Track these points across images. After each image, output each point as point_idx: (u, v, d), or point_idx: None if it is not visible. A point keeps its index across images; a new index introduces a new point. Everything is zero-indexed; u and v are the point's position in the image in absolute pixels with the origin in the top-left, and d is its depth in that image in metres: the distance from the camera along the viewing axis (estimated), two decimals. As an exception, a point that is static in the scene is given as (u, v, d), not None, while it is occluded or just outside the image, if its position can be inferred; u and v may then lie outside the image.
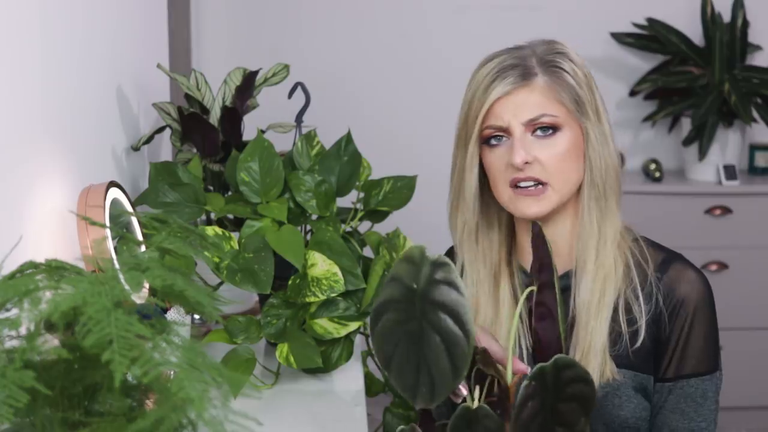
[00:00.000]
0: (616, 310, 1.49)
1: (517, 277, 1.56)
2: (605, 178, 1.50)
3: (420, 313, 1.07)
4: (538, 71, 1.47)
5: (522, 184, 1.47)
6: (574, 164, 1.48)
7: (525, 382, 1.09)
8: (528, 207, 1.48)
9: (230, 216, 1.90)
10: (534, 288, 1.23)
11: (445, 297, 1.06)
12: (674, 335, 1.49)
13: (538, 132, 1.46)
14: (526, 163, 1.45)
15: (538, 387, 1.06)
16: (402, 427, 1.18)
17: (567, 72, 1.47)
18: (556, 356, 1.08)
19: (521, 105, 1.46)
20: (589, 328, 1.47)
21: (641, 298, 1.49)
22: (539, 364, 1.09)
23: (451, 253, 1.67)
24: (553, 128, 1.46)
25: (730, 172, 3.55)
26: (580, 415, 1.07)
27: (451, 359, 1.05)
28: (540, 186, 1.47)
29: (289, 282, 1.72)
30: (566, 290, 1.51)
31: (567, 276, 1.53)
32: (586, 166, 1.50)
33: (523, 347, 1.53)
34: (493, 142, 1.49)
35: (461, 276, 1.59)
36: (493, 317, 1.54)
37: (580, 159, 1.49)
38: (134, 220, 1.61)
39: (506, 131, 1.47)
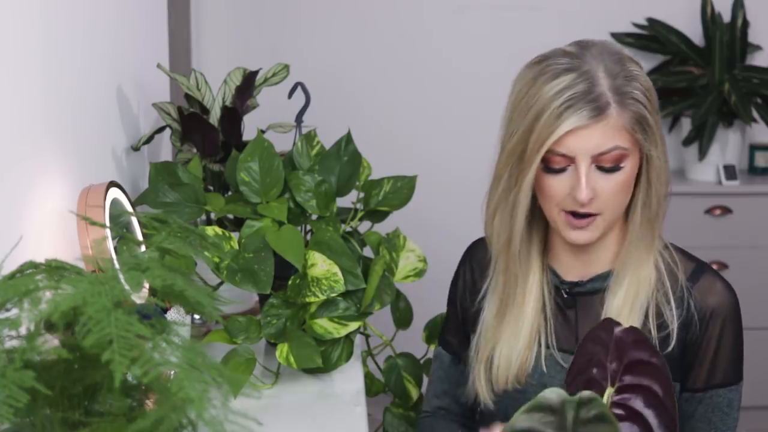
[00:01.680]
0: (646, 314, 1.49)
1: (547, 274, 1.55)
2: (660, 199, 1.49)
3: None
4: (611, 101, 1.40)
5: (579, 215, 1.45)
6: (627, 192, 1.46)
7: None
8: (579, 236, 1.46)
9: (230, 216, 1.90)
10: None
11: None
12: (704, 345, 1.50)
13: (604, 167, 1.42)
14: (590, 199, 1.42)
15: None
16: None
17: (640, 102, 1.42)
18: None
19: (593, 138, 1.40)
20: None
21: (673, 302, 1.49)
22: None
23: (475, 245, 1.67)
24: (617, 165, 1.42)
25: (730, 172, 3.55)
26: None
27: None
28: (591, 217, 1.45)
29: (289, 282, 1.72)
30: (598, 292, 1.52)
31: (595, 280, 1.53)
32: (641, 188, 1.47)
33: (542, 345, 1.53)
34: (555, 167, 1.43)
35: (494, 269, 1.58)
36: (520, 306, 1.53)
37: (633, 183, 1.46)
38: (134, 220, 1.61)
39: (571, 160, 1.42)
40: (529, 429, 1.00)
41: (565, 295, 1.54)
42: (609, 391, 1.13)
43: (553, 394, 1.01)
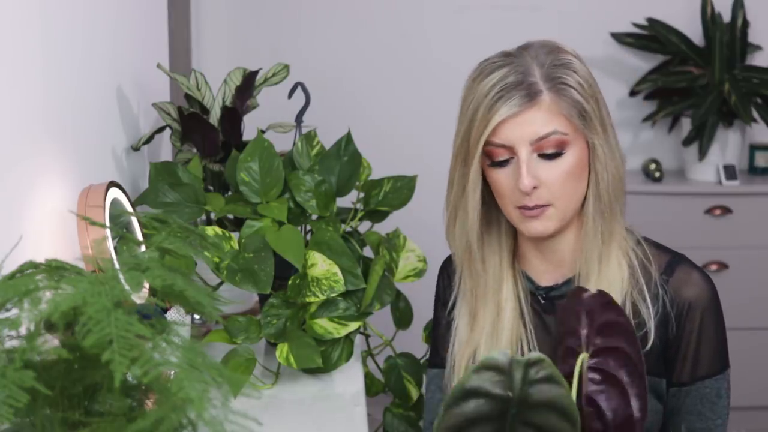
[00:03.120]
0: None
1: (521, 282, 1.54)
2: (611, 191, 1.47)
3: (517, 420, 1.00)
4: (543, 88, 1.41)
5: (528, 207, 1.44)
6: (578, 182, 1.45)
7: None
8: (534, 227, 1.45)
9: (230, 216, 1.90)
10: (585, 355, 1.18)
11: (548, 394, 1.00)
12: (685, 339, 1.48)
13: (545, 154, 1.42)
14: (534, 187, 1.42)
15: None
16: None
17: (573, 87, 1.42)
18: None
19: (528, 125, 1.41)
20: None
21: (648, 300, 1.48)
22: None
23: (448, 259, 1.65)
24: (558, 151, 1.42)
25: (730, 172, 3.55)
26: None
27: None
28: (543, 207, 1.44)
29: (289, 282, 1.72)
30: None
31: (569, 283, 1.52)
32: (591, 179, 1.46)
33: (525, 354, 1.51)
34: (498, 161, 1.44)
35: (458, 285, 1.57)
36: (494, 322, 1.52)
37: (584, 173, 1.46)
38: (134, 220, 1.61)
39: (511, 151, 1.42)
40: (479, 388, 1.01)
41: (543, 301, 1.53)
42: (583, 356, 1.14)
43: (501, 355, 1.03)
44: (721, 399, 1.50)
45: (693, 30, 3.67)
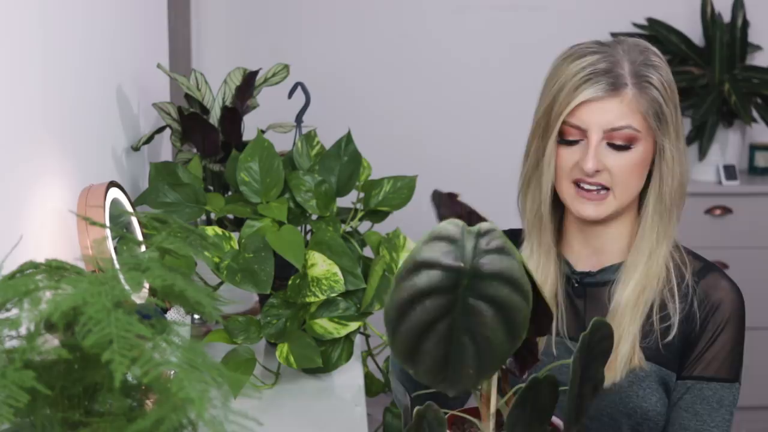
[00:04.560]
0: (651, 306, 1.53)
1: (560, 264, 1.58)
2: (673, 194, 1.52)
3: (469, 291, 0.98)
4: (629, 82, 1.47)
5: (586, 186, 1.50)
6: (639, 177, 1.51)
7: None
8: (587, 209, 1.51)
9: (230, 216, 1.90)
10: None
11: (500, 265, 0.97)
12: (704, 337, 1.53)
13: (614, 144, 1.48)
14: (596, 171, 1.48)
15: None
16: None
17: (656, 88, 1.49)
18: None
19: (606, 113, 1.47)
20: (623, 322, 1.51)
21: (677, 297, 1.53)
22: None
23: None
24: (627, 145, 1.48)
25: (730, 172, 3.55)
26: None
27: (508, 329, 0.98)
28: (603, 191, 1.50)
29: (289, 282, 1.72)
30: (607, 284, 1.55)
31: (604, 271, 1.56)
32: (654, 179, 1.52)
33: (553, 333, 1.56)
34: (568, 140, 1.50)
35: (527, 246, 1.60)
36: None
37: (644, 173, 1.51)
38: (134, 220, 1.61)
39: (583, 134, 1.48)
40: (430, 259, 0.98)
41: (576, 284, 1.57)
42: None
43: (452, 225, 1.00)
44: (722, 408, 1.53)
45: (693, 30, 3.67)
